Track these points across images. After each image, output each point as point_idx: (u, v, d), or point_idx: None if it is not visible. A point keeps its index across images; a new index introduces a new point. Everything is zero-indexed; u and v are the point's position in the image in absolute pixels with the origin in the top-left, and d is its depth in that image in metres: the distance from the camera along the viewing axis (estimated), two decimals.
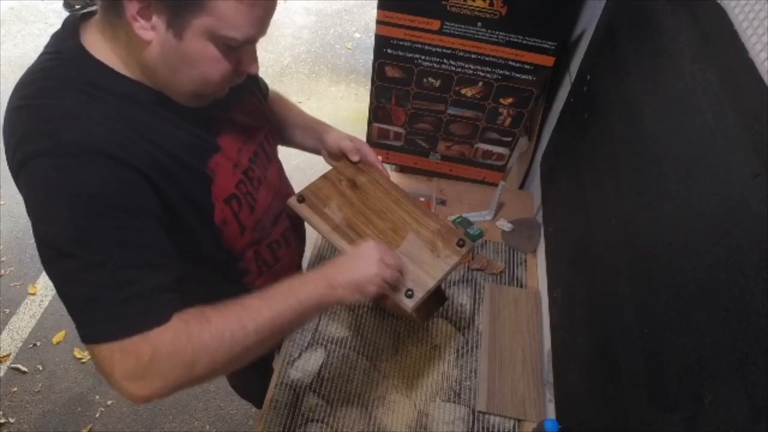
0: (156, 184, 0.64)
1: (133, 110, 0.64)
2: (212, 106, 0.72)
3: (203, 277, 0.84)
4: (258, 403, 1.64)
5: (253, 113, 0.85)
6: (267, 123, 0.89)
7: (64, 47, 0.63)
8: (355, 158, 0.95)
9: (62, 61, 0.62)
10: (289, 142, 1.04)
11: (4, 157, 0.61)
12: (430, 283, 0.80)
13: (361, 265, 0.75)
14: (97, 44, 0.63)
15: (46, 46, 0.65)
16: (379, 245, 0.78)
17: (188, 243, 0.72)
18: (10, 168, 0.60)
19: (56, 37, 0.65)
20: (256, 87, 0.90)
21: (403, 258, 0.82)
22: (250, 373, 1.36)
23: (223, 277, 0.87)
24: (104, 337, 0.57)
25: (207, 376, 0.63)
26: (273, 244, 0.92)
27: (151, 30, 0.58)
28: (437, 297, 0.97)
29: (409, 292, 0.78)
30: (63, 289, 0.59)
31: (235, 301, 0.66)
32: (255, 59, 0.68)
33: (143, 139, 0.63)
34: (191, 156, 0.70)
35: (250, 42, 0.64)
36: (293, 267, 1.03)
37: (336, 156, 0.98)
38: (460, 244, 0.86)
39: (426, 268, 0.82)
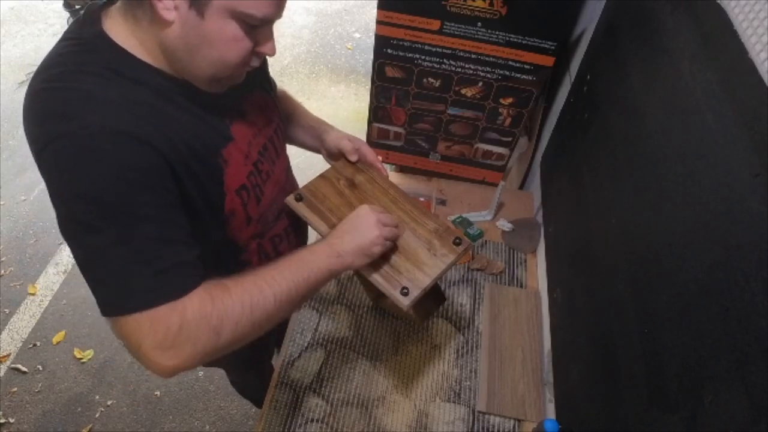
0: (173, 167, 0.65)
1: (148, 96, 0.64)
2: (226, 96, 0.72)
3: (206, 267, 0.84)
4: (258, 403, 1.64)
5: (263, 107, 0.85)
6: (277, 118, 0.90)
7: (85, 33, 0.64)
8: (353, 158, 0.95)
9: (81, 46, 0.63)
10: (291, 140, 1.05)
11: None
12: (426, 281, 0.81)
13: (362, 229, 0.79)
14: (118, 29, 0.64)
15: (66, 32, 0.66)
16: (374, 208, 0.82)
17: (195, 230, 0.73)
18: (31, 150, 0.61)
19: (77, 24, 0.66)
20: (266, 83, 0.90)
21: (399, 256, 0.83)
22: (249, 372, 1.37)
23: (225, 267, 0.87)
24: (134, 307, 0.59)
25: (232, 343, 0.65)
26: (275, 237, 0.93)
27: (174, 10, 0.59)
28: (436, 297, 0.97)
29: (405, 290, 0.79)
30: (89, 265, 0.60)
31: (250, 272, 0.68)
32: (272, 40, 0.69)
33: (158, 125, 0.64)
34: (205, 145, 0.71)
35: (268, 22, 0.65)
36: None
37: (335, 156, 0.98)
38: (457, 242, 0.86)
39: (422, 267, 0.82)
